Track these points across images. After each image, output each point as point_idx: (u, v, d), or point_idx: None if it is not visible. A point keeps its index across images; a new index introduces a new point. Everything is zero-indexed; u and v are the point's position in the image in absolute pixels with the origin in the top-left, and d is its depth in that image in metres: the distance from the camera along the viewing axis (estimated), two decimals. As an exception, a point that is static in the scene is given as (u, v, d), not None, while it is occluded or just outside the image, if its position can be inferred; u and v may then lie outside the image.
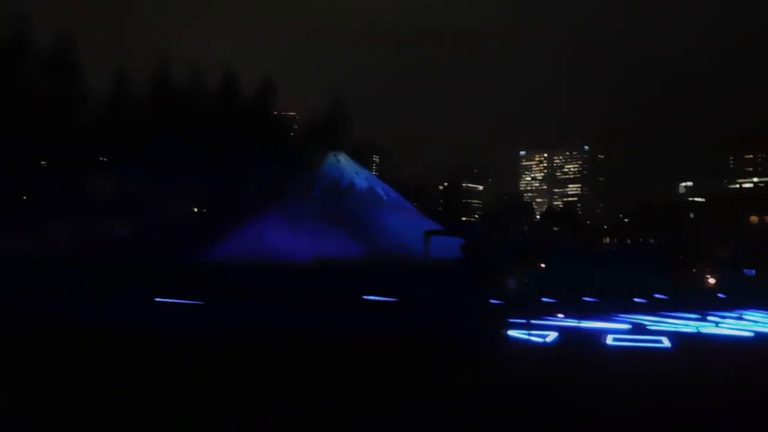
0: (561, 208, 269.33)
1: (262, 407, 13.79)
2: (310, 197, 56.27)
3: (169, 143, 71.73)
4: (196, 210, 70.45)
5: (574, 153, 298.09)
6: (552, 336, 24.99)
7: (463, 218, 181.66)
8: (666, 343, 24.33)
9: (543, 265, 55.88)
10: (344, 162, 60.77)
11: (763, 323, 31.10)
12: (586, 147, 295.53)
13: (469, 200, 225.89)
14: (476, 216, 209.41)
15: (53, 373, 16.29)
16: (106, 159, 76.98)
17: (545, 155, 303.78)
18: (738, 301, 39.35)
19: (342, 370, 17.73)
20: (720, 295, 47.25)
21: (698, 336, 27.54)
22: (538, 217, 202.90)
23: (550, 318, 30.69)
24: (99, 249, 46.18)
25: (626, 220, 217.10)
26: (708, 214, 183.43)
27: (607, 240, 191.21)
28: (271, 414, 13.34)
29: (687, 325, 29.28)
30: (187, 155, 70.22)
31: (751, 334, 28.13)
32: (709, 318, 31.50)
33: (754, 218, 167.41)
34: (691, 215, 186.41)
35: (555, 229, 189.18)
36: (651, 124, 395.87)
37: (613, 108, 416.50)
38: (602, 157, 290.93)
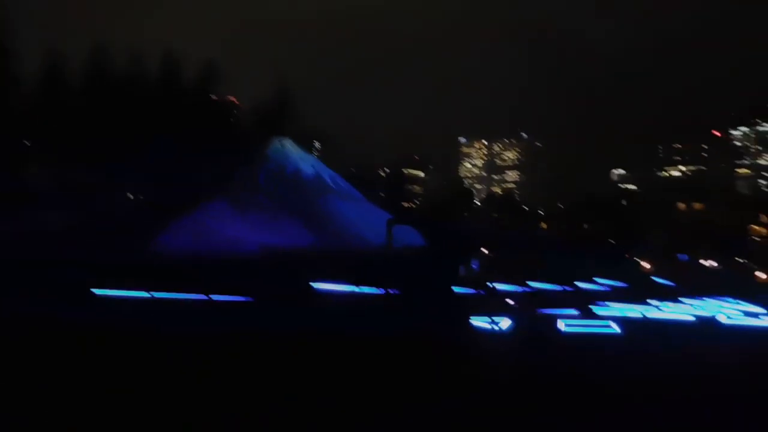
0: (500, 194, 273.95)
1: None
2: (256, 185, 54.73)
3: (105, 129, 68.81)
4: (132, 198, 68.21)
5: (513, 141, 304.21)
6: (506, 323, 25.43)
7: (405, 204, 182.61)
8: (615, 328, 25.13)
9: (488, 252, 56.74)
10: (289, 148, 59.26)
11: (702, 307, 32.61)
12: (525, 135, 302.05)
13: (411, 186, 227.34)
14: (417, 202, 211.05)
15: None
16: (36, 146, 73.27)
17: (485, 142, 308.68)
18: (677, 286, 41.26)
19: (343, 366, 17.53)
20: (658, 280, 49.34)
21: (645, 321, 28.62)
22: (478, 203, 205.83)
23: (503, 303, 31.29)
24: (29, 243, 43.94)
25: (562, 206, 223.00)
26: (641, 201, 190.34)
27: (546, 226, 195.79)
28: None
29: (632, 309, 30.37)
30: (124, 142, 67.57)
31: (693, 318, 29.43)
32: (651, 303, 32.80)
33: (681, 205, 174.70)
34: (624, 202, 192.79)
35: (495, 215, 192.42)
36: (588, 114, 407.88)
37: (552, 98, 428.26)
38: (540, 145, 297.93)
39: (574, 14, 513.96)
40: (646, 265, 64.30)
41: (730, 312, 30.65)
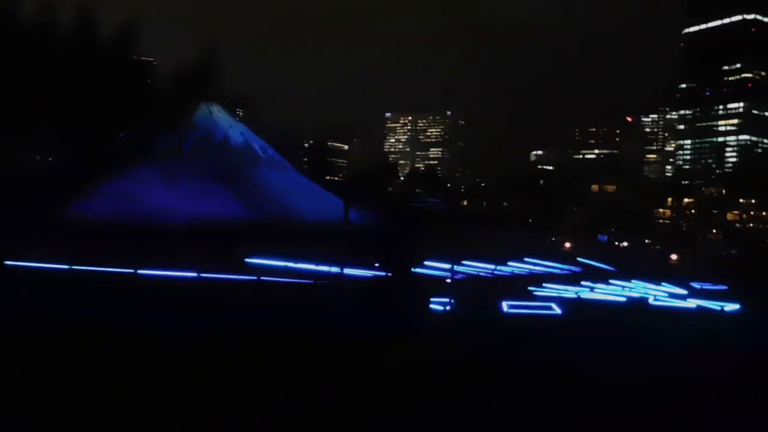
0: (422, 170, 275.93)
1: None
2: (181, 152, 51.91)
3: (16, 85, 63.24)
4: (50, 161, 63.06)
5: (437, 117, 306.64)
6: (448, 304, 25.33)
7: (328, 177, 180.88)
8: (556, 309, 25.53)
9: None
10: (217, 114, 56.40)
11: (631, 288, 33.76)
12: (449, 112, 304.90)
13: (334, 159, 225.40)
14: (341, 175, 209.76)
15: None
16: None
17: (410, 118, 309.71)
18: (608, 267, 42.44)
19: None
20: (581, 259, 50.73)
21: (581, 301, 29.28)
22: (402, 178, 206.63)
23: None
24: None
25: (483, 184, 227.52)
26: (557, 181, 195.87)
27: (466, 203, 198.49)
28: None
29: (567, 290, 31.01)
30: (38, 101, 62.32)
31: (624, 299, 30.38)
32: (583, 283, 33.66)
33: (594, 187, 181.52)
34: (541, 182, 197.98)
35: (418, 191, 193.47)
36: (511, 95, 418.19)
37: (477, 78, 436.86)
38: (463, 122, 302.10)
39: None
40: (567, 244, 66.58)
41: (656, 294, 31.93)
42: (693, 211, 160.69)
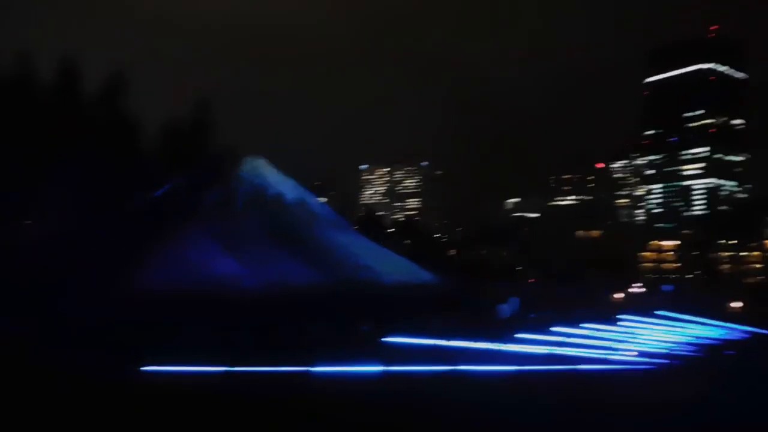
0: (402, 221, 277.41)
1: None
2: (234, 210, 49.04)
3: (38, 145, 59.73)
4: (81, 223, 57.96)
5: (414, 169, 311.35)
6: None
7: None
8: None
9: None
10: (264, 168, 53.38)
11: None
12: (426, 163, 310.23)
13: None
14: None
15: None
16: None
17: (386, 170, 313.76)
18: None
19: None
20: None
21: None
22: (388, 230, 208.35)
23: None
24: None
25: (462, 232, 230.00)
26: (540, 228, 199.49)
27: (453, 252, 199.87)
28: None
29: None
30: (62, 159, 58.14)
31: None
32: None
33: (580, 233, 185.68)
34: (525, 229, 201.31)
35: (406, 242, 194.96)
36: (484, 146, 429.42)
37: (452, 129, 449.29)
38: (440, 173, 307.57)
39: (476, 57, 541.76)
40: (618, 296, 66.89)
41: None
42: (672, 253, 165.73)
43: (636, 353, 32.09)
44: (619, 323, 44.25)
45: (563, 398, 20.98)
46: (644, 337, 39.54)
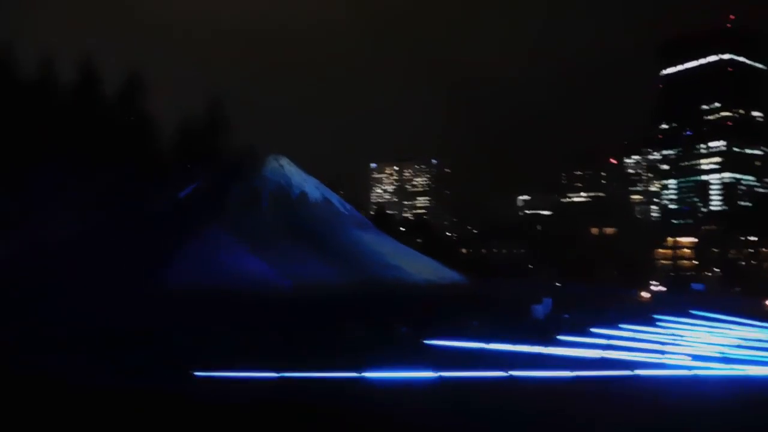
0: (412, 219, 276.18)
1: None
2: (259, 209, 48.54)
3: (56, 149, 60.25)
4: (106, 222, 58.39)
5: (423, 167, 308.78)
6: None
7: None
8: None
9: None
10: (288, 167, 53.20)
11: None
12: (435, 161, 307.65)
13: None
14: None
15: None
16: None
17: (395, 168, 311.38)
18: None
19: None
20: None
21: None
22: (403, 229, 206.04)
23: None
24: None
25: (475, 231, 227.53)
26: (553, 226, 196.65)
27: (465, 251, 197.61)
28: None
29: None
30: (83, 161, 58.77)
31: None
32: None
33: (594, 230, 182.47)
34: (539, 227, 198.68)
35: (419, 240, 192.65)
36: (495, 143, 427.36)
37: (464, 127, 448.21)
38: (449, 171, 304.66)
39: (484, 54, 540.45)
40: (645, 295, 64.70)
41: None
42: (690, 250, 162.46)
43: (689, 357, 29.76)
44: (657, 324, 42.05)
45: (647, 407, 19.59)
46: (690, 339, 37.05)
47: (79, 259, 44.12)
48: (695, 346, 33.94)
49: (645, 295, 67.22)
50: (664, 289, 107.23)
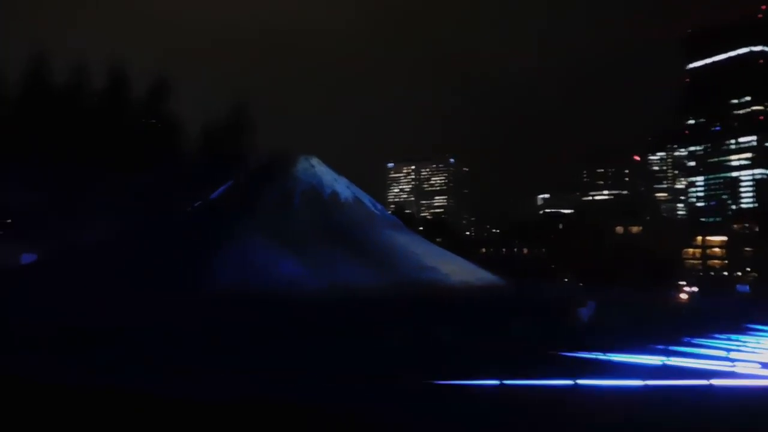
0: (430, 219, 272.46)
1: None
2: (291, 209, 45.82)
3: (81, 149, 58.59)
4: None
5: (441, 166, 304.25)
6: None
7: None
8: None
9: None
10: (319, 167, 50.66)
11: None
12: (452, 160, 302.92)
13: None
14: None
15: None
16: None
17: (413, 167, 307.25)
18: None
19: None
20: None
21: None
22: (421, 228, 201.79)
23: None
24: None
25: (494, 230, 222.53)
26: (575, 224, 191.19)
27: (484, 251, 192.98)
28: None
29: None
30: (109, 161, 57.16)
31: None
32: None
33: (619, 229, 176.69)
34: (560, 226, 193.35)
35: (438, 240, 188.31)
36: (512, 141, 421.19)
37: (479, 124, 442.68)
38: (467, 170, 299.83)
39: (502, 49, 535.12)
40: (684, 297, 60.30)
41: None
42: (720, 249, 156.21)
43: (758, 365, 26.74)
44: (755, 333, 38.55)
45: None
46: (751, 345, 32.60)
47: (117, 261, 42.35)
48: (759, 353, 29.67)
49: (683, 297, 62.26)
50: (695, 290, 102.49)
